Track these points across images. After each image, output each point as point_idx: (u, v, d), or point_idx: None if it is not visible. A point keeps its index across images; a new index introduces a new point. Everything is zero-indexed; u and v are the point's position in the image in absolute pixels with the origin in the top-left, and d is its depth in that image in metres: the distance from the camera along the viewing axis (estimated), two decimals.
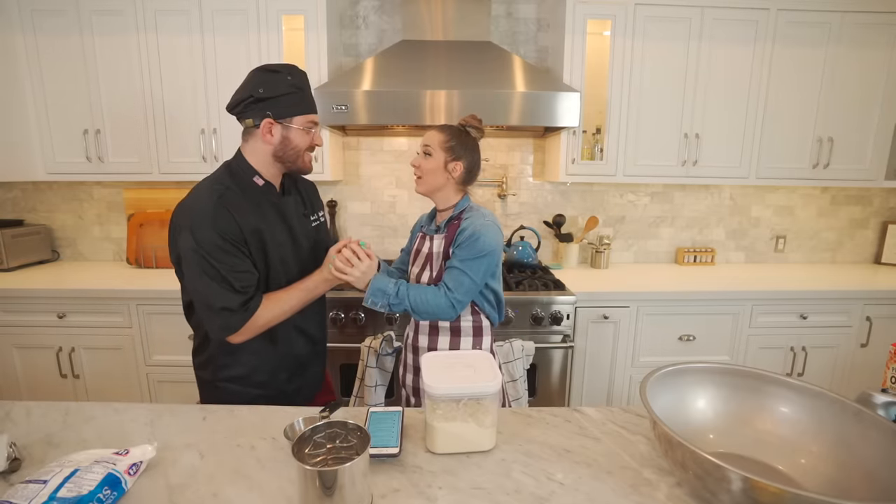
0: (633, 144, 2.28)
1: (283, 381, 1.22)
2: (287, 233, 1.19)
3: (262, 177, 1.16)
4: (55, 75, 2.17)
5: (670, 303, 2.11)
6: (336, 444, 0.75)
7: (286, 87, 1.10)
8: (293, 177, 1.28)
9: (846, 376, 2.23)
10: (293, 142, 1.13)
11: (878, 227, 2.75)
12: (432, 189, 1.30)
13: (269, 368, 1.19)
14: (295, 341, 1.23)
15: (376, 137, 2.55)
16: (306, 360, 1.27)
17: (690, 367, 0.93)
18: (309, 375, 1.30)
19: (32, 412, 1.01)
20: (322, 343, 1.34)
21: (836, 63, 2.25)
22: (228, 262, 1.05)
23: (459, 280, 1.21)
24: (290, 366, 1.23)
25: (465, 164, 1.27)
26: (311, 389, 1.31)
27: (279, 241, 1.16)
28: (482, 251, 1.21)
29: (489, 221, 1.25)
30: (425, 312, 1.21)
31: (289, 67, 1.12)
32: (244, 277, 1.08)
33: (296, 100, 1.12)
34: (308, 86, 1.16)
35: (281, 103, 1.10)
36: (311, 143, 1.16)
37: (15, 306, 2.05)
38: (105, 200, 2.58)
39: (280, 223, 1.17)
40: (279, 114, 1.10)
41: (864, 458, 0.75)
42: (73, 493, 0.70)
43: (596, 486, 0.80)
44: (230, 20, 2.11)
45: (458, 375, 0.89)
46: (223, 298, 1.05)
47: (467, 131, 1.30)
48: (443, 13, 2.21)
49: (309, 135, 1.15)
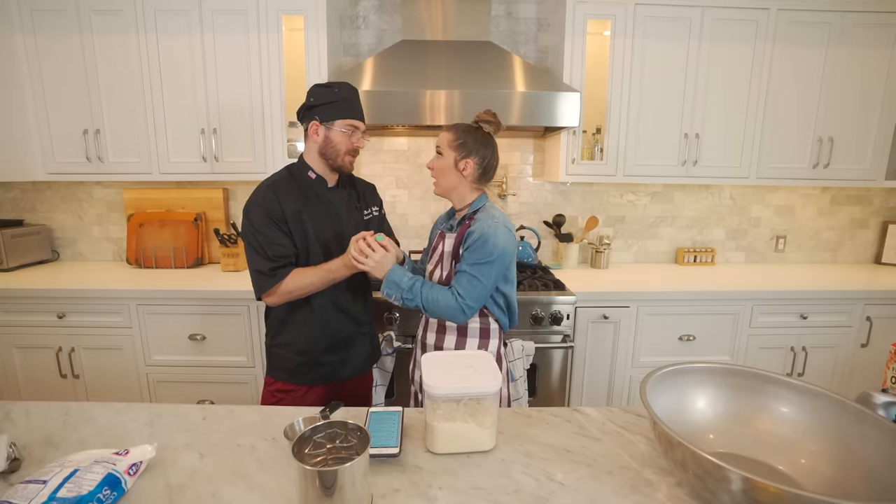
0: (633, 144, 2.28)
1: (321, 352, 1.37)
2: (332, 219, 1.36)
3: (314, 171, 1.35)
4: (55, 75, 2.17)
5: (670, 303, 2.11)
6: (336, 444, 0.75)
7: (332, 97, 1.30)
8: (352, 177, 1.48)
9: (846, 376, 2.23)
10: (333, 141, 1.31)
11: (879, 227, 2.75)
12: (447, 189, 1.31)
13: (309, 339, 1.36)
14: (334, 318, 1.38)
15: (376, 137, 2.55)
16: (348, 337, 1.41)
17: (690, 367, 0.93)
18: (353, 353, 1.43)
19: (32, 412, 1.01)
20: (367, 325, 1.47)
21: (836, 63, 2.25)
22: (268, 234, 1.27)
23: (470, 284, 1.21)
24: (329, 339, 1.38)
25: (477, 161, 1.27)
26: (354, 367, 1.44)
27: (322, 224, 1.34)
28: (491, 255, 1.20)
29: (498, 223, 1.23)
30: (436, 312, 1.24)
31: (340, 83, 1.33)
32: (279, 249, 1.27)
33: (340, 107, 1.30)
34: (354, 97, 1.34)
35: (326, 109, 1.29)
36: (350, 144, 1.32)
37: (15, 306, 2.05)
38: (105, 200, 2.58)
39: (325, 210, 1.35)
40: (324, 117, 1.30)
41: (864, 458, 0.74)
42: (72, 494, 0.70)
43: (596, 486, 0.80)
44: (230, 20, 2.11)
45: (459, 375, 0.89)
46: (258, 262, 1.27)
47: (479, 127, 1.29)
48: (443, 13, 2.21)
49: (348, 136, 1.32)
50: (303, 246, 1.32)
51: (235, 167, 2.22)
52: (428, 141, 2.56)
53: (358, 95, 1.35)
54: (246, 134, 2.19)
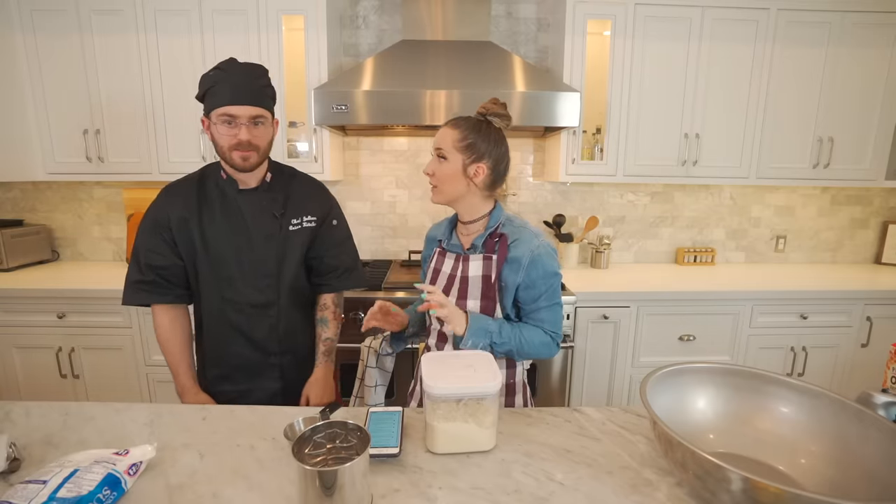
0: (633, 144, 2.28)
1: (216, 379, 1.26)
2: (234, 227, 1.18)
3: (225, 172, 1.18)
4: (55, 75, 2.17)
5: (670, 303, 2.11)
6: (336, 444, 0.75)
7: (207, 83, 1.07)
8: (295, 178, 1.27)
9: (846, 376, 2.23)
10: (214, 137, 1.11)
11: (879, 227, 2.75)
12: (452, 199, 1.09)
13: (200, 362, 1.29)
14: (231, 341, 1.25)
15: (376, 137, 2.55)
16: (248, 365, 1.27)
17: (690, 367, 0.93)
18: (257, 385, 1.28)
19: (32, 412, 1.01)
20: (276, 356, 1.28)
21: (836, 63, 2.25)
22: (148, 240, 1.17)
23: (552, 312, 1.09)
24: (223, 366, 1.26)
25: (490, 164, 1.05)
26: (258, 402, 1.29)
27: (218, 232, 1.17)
28: (556, 273, 1.08)
29: (537, 236, 1.09)
30: (530, 353, 1.08)
31: (223, 63, 1.09)
32: (154, 258, 1.17)
33: (214, 95, 1.07)
34: (234, 78, 1.07)
35: (206, 101, 1.09)
36: (232, 138, 1.08)
37: (15, 306, 2.05)
38: (105, 200, 2.58)
39: (228, 217, 1.18)
40: (206, 110, 1.10)
41: (864, 458, 0.74)
42: (72, 494, 0.70)
43: (596, 486, 0.80)
44: (230, 20, 2.11)
45: (458, 375, 0.89)
46: (130, 270, 1.18)
47: (488, 121, 1.07)
48: (443, 13, 2.21)
49: (227, 128, 1.08)
50: (189, 257, 1.18)
51: None
52: (428, 141, 2.56)
53: (240, 73, 1.08)
54: None
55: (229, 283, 1.19)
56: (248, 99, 1.07)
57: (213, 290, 1.20)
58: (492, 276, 1.07)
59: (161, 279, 1.18)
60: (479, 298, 1.08)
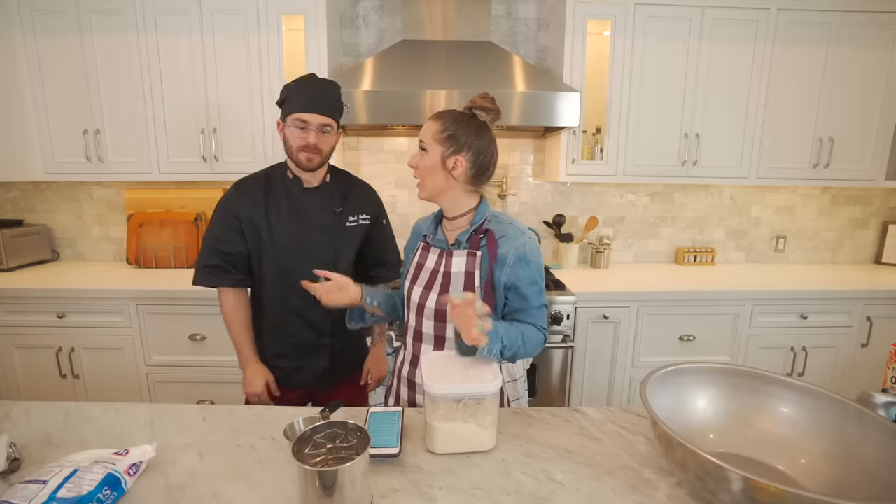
0: (633, 144, 2.28)
1: (275, 356, 1.38)
2: (298, 222, 1.31)
3: (291, 171, 1.32)
4: (55, 75, 2.16)
5: (670, 303, 2.11)
6: (336, 444, 0.75)
7: (286, 92, 1.25)
8: (349, 180, 1.42)
9: (846, 376, 2.23)
10: (287, 138, 1.26)
11: (879, 227, 2.75)
12: (434, 192, 1.07)
13: (261, 341, 1.41)
14: (289, 322, 1.37)
15: (376, 137, 2.55)
16: (303, 344, 1.39)
17: (690, 367, 0.93)
18: (311, 362, 1.40)
19: (32, 412, 1.01)
20: (328, 336, 1.41)
21: (836, 63, 2.25)
22: (220, 230, 1.30)
23: (541, 311, 1.09)
24: (282, 345, 1.38)
25: (470, 157, 1.03)
26: (307, 379, 1.41)
27: (284, 227, 1.30)
28: (540, 269, 1.09)
29: (523, 231, 1.10)
30: (529, 352, 1.06)
31: (302, 77, 1.27)
32: (225, 245, 1.30)
33: (290, 102, 1.24)
34: (309, 89, 1.24)
35: (284, 106, 1.26)
36: (301, 140, 1.23)
37: (15, 306, 2.05)
38: (105, 200, 2.58)
39: (293, 213, 1.31)
40: (282, 115, 1.27)
41: (864, 458, 0.74)
42: (72, 494, 0.70)
43: (596, 486, 0.80)
44: (230, 20, 2.11)
45: (459, 376, 0.89)
46: (202, 255, 1.32)
47: (473, 114, 1.05)
48: (443, 13, 2.21)
49: (299, 132, 1.23)
50: (255, 247, 1.32)
51: (235, 167, 2.22)
52: None
53: (316, 86, 1.25)
54: (246, 134, 2.19)
55: (292, 272, 1.30)
56: (320, 109, 1.23)
57: (277, 276, 1.33)
58: (475, 273, 1.06)
59: (227, 264, 1.32)
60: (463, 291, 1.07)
